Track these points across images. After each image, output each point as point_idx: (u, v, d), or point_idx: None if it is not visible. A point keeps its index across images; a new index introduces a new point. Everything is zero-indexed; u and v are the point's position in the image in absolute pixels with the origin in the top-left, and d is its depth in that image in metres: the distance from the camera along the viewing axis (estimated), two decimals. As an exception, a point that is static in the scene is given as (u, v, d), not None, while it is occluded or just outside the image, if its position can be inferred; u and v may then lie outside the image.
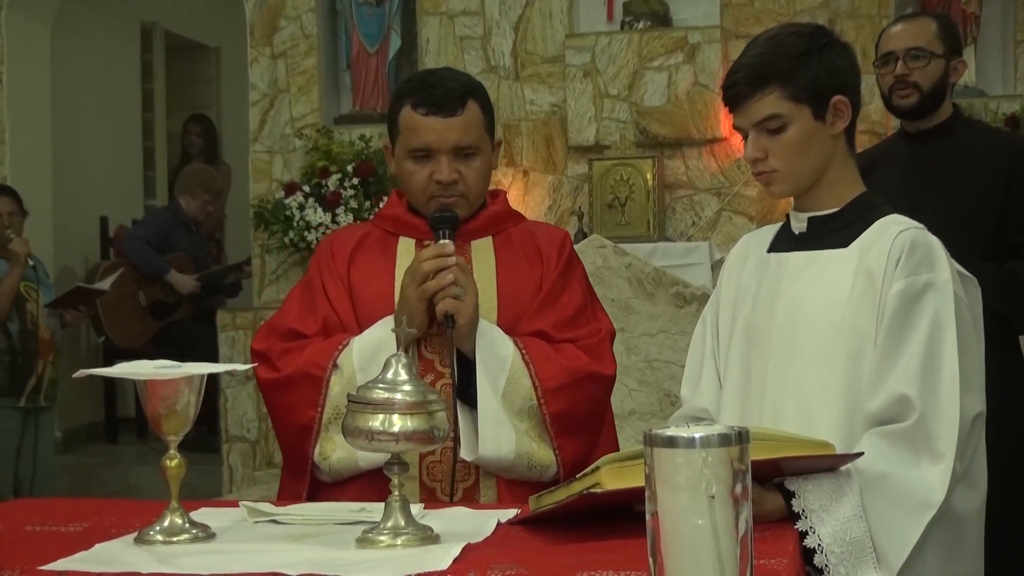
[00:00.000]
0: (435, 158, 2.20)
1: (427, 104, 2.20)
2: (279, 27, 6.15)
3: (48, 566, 1.48)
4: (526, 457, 2.12)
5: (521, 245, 2.30)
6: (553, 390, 2.15)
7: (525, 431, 2.13)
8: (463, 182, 2.21)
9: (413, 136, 2.21)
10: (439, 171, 2.19)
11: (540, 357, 2.17)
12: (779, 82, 1.94)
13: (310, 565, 1.46)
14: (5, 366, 5.17)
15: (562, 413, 2.15)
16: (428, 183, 2.21)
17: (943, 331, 1.86)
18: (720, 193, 5.70)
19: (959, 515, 1.85)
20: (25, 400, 5.21)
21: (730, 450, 1.09)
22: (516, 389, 2.14)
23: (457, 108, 2.20)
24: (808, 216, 2.03)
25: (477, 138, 2.23)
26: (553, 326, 2.22)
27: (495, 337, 2.16)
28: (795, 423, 1.88)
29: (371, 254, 2.29)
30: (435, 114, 2.19)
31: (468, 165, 2.21)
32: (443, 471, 2.12)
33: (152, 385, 1.65)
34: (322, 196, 5.77)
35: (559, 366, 2.17)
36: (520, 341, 2.18)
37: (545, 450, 2.14)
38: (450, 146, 2.19)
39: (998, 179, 3.10)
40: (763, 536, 1.52)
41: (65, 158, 6.84)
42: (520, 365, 2.15)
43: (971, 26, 5.33)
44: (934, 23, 3.21)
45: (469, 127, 2.21)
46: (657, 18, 5.76)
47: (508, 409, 2.12)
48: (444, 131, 2.19)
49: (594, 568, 1.42)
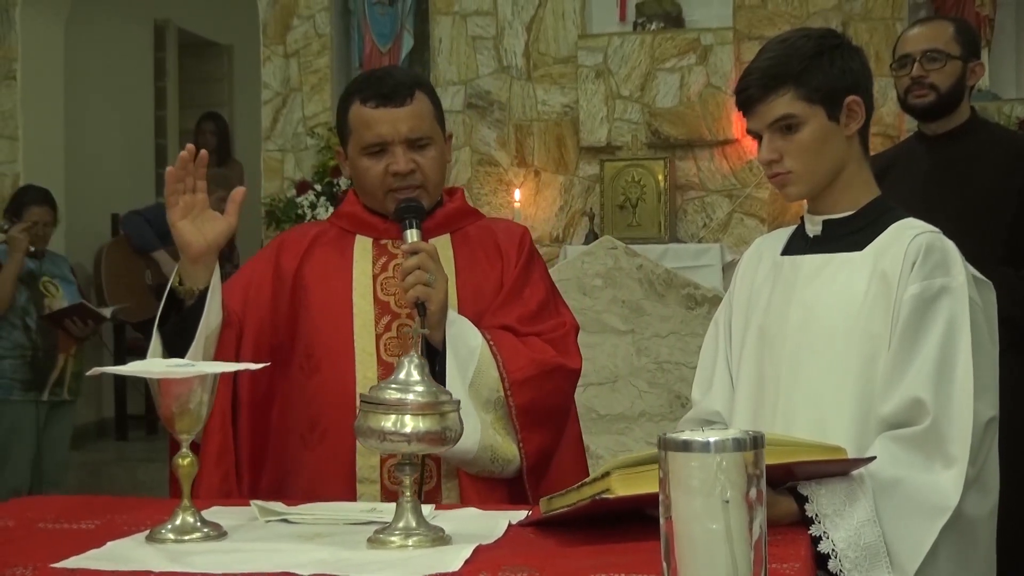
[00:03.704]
0: (390, 151, 2.18)
1: (377, 97, 2.19)
2: (292, 26, 6.16)
3: (60, 564, 1.48)
4: (489, 450, 2.09)
5: (480, 242, 2.28)
6: (520, 382, 2.13)
7: (490, 423, 2.11)
8: (420, 172, 2.19)
9: (366, 130, 2.19)
10: (395, 162, 2.18)
11: (508, 349, 2.15)
12: (792, 83, 1.94)
13: (321, 565, 1.46)
14: (27, 361, 5.20)
15: (528, 405, 2.13)
16: (385, 176, 2.19)
17: (957, 335, 1.85)
18: (732, 195, 5.69)
19: (971, 519, 1.84)
20: (48, 394, 5.25)
21: (745, 455, 1.08)
22: (484, 380, 2.12)
23: (407, 98, 2.19)
24: (823, 219, 2.03)
25: (429, 128, 2.21)
26: (517, 320, 2.20)
27: (464, 327, 2.14)
28: (808, 426, 1.88)
29: (326, 252, 2.26)
30: (385, 105, 2.18)
31: (423, 155, 2.20)
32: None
33: (165, 384, 1.65)
34: (333, 195, 5.79)
35: (527, 358, 2.15)
36: (488, 333, 2.16)
37: (509, 444, 2.12)
38: (403, 136, 2.18)
39: (1015, 183, 3.09)
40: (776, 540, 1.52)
41: (78, 154, 6.87)
42: (488, 356, 2.12)
43: (985, 29, 5.32)
44: (951, 26, 3.21)
45: (420, 116, 2.20)
46: (670, 19, 5.76)
47: (475, 400, 2.10)
48: (395, 121, 2.18)
49: (607, 571, 1.42)
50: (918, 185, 3.09)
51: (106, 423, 7.15)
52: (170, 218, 2.06)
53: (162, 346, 2.07)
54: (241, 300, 2.20)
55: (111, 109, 7.41)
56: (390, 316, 2.20)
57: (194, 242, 2.05)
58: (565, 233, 5.85)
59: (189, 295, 2.08)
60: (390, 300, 2.20)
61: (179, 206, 2.05)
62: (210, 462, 2.10)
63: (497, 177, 5.85)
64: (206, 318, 2.04)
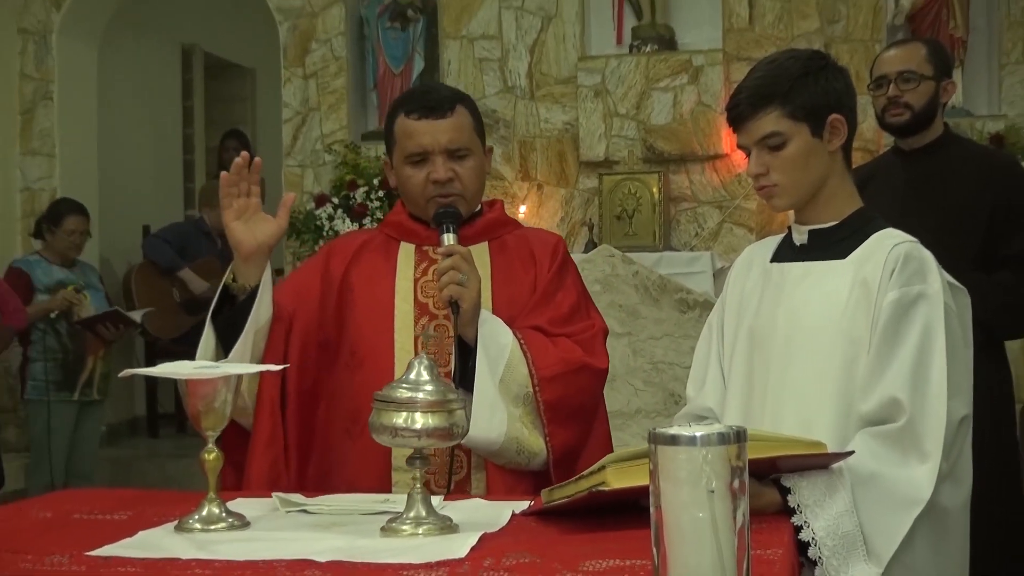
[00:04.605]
0: (430, 160, 2.19)
1: (420, 109, 2.20)
2: (311, 49, 6.17)
3: (94, 552, 1.49)
4: (515, 442, 2.08)
5: (516, 250, 2.28)
6: (548, 379, 2.12)
7: (519, 417, 2.10)
8: (459, 181, 2.20)
9: (408, 141, 2.21)
10: (435, 171, 2.19)
11: (538, 347, 2.14)
12: (779, 102, 1.95)
13: (337, 552, 1.46)
14: (59, 363, 5.22)
15: (555, 401, 2.12)
16: (426, 184, 2.20)
17: (933, 339, 1.86)
18: (722, 206, 5.69)
19: (945, 510, 1.84)
20: (79, 394, 5.26)
21: (728, 448, 1.09)
22: (513, 376, 2.11)
23: (447, 111, 2.20)
24: (809, 229, 2.03)
25: (468, 140, 2.22)
26: (548, 322, 2.19)
27: (496, 326, 2.14)
28: (794, 422, 1.88)
29: (373, 257, 2.28)
30: (427, 117, 2.19)
31: (462, 165, 2.21)
32: (437, 463, 2.09)
33: (192, 384, 1.66)
34: (350, 207, 5.80)
35: (555, 357, 2.14)
36: (519, 332, 2.16)
37: (536, 437, 2.11)
38: (443, 146, 2.19)
39: (986, 194, 3.09)
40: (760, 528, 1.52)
41: (110, 170, 6.88)
42: (519, 353, 2.12)
43: (958, 50, 5.32)
44: (924, 47, 3.20)
45: (460, 129, 2.21)
46: (663, 42, 5.76)
47: (505, 394, 2.10)
48: (436, 132, 2.19)
49: (601, 557, 1.42)
50: (896, 197, 3.08)
51: (138, 421, 7.16)
52: (224, 219, 2.09)
53: (215, 337, 2.10)
54: (292, 299, 2.22)
55: (142, 127, 7.43)
56: (428, 317, 2.20)
57: (245, 241, 2.07)
58: (566, 242, 5.85)
59: (241, 291, 2.10)
60: (429, 302, 2.21)
61: (233, 208, 2.09)
62: (259, 449, 2.12)
63: (503, 190, 5.86)
64: (255, 312, 2.06)
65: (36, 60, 6.47)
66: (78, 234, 5.32)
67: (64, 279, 5.30)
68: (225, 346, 2.07)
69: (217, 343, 2.09)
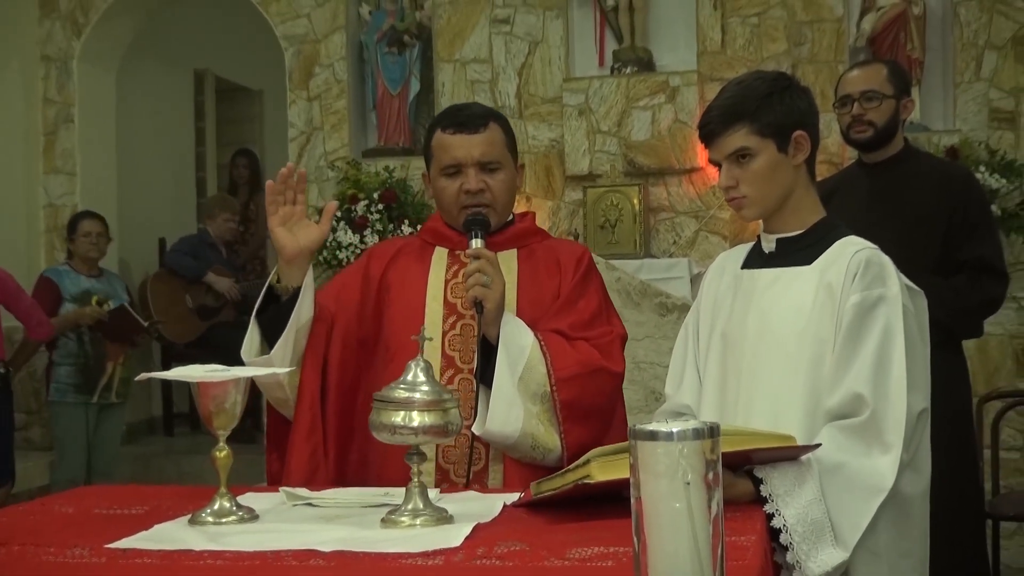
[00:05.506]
0: (464, 172, 2.20)
1: (455, 125, 2.22)
2: (314, 73, 6.17)
3: (113, 544, 1.49)
4: (530, 437, 2.08)
5: (543, 259, 2.28)
6: (565, 380, 2.11)
7: (536, 414, 2.09)
8: (490, 192, 2.21)
9: (444, 154, 2.22)
10: (468, 182, 2.20)
11: (556, 349, 2.14)
12: (747, 120, 1.95)
13: (341, 542, 1.47)
14: (80, 367, 5.20)
15: (571, 401, 2.11)
16: (459, 194, 2.21)
17: (893, 338, 1.86)
18: (698, 215, 5.70)
19: (906, 497, 1.85)
20: (97, 397, 5.24)
21: (703, 443, 1.09)
22: (532, 375, 2.10)
23: (480, 127, 2.21)
24: (776, 237, 2.04)
25: (500, 154, 2.23)
26: (569, 327, 2.19)
27: (518, 327, 2.14)
28: (765, 417, 1.88)
29: (409, 260, 2.29)
30: (461, 132, 2.21)
31: (493, 178, 2.22)
32: (456, 454, 2.10)
33: (204, 386, 1.66)
34: (352, 220, 5.79)
35: (573, 359, 2.13)
36: (539, 333, 2.15)
37: (552, 434, 2.10)
38: (475, 159, 2.20)
39: (943, 205, 3.10)
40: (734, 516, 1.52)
41: (128, 187, 6.87)
42: (538, 354, 2.11)
43: (916, 70, 5.34)
44: (885, 68, 3.22)
45: (492, 143, 2.22)
46: (642, 64, 5.77)
47: (523, 392, 2.09)
48: (469, 146, 2.20)
49: (586, 544, 1.42)
50: (860, 207, 3.09)
51: (155, 421, 7.14)
52: (269, 224, 2.11)
53: (259, 333, 2.10)
54: (334, 300, 2.23)
55: (157, 147, 7.41)
56: (455, 316, 2.20)
57: (288, 245, 2.09)
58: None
59: (285, 292, 2.11)
60: (457, 302, 2.21)
61: (278, 214, 2.10)
62: (300, 440, 2.12)
63: (494, 203, 5.85)
64: (297, 312, 2.07)
65: (58, 85, 6.46)
66: (94, 235, 5.29)
67: (91, 288, 5.28)
68: (269, 342, 2.09)
69: (262, 339, 2.10)
